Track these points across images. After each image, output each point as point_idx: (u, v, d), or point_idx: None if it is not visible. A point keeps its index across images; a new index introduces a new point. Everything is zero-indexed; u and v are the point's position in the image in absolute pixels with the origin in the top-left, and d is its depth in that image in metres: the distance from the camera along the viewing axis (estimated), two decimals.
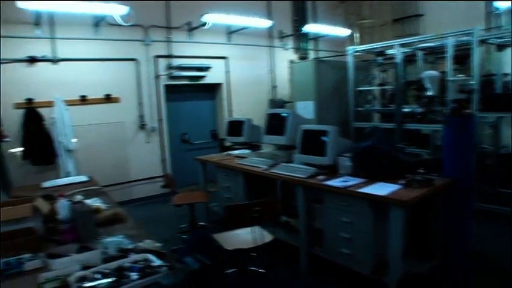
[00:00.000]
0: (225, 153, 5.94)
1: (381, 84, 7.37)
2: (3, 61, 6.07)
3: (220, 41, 8.02)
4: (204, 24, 7.18)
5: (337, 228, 3.71)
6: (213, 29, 7.46)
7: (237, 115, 7.98)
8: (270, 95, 8.85)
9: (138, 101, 7.18)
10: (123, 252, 2.23)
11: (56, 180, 4.73)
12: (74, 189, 3.96)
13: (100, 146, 6.81)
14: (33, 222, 2.62)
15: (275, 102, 8.57)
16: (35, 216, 2.66)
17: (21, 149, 6.11)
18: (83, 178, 4.60)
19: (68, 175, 6.09)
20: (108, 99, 6.85)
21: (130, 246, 2.29)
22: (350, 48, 7.30)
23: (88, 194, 3.69)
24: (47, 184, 4.41)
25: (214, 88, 8.36)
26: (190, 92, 8.02)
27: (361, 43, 9.05)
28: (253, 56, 8.56)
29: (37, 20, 6.20)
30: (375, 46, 7.02)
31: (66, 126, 6.19)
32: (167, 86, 7.52)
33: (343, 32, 9.09)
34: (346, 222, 3.61)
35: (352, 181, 3.70)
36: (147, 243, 2.29)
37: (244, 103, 8.29)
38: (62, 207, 2.57)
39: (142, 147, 7.27)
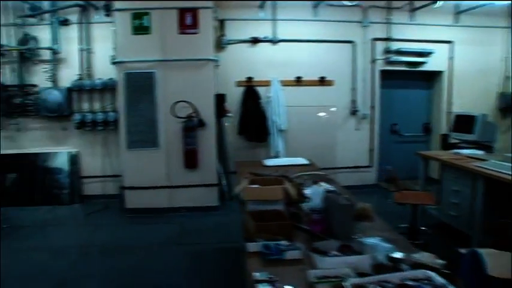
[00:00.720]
0: (452, 151, 5.13)
1: None
2: (229, 42, 6.45)
3: (445, 22, 7.01)
4: (432, 2, 6.37)
5: None
6: (437, 9, 6.59)
7: (456, 108, 6.93)
8: (501, 88, 7.41)
9: (351, 85, 6.85)
10: (393, 262, 1.85)
11: (277, 159, 4.75)
12: (296, 171, 3.81)
13: (309, 129, 6.73)
14: (279, 205, 2.47)
15: (506, 97, 7.17)
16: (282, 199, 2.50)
17: (238, 124, 6.47)
18: (303, 161, 4.45)
19: (277, 154, 6.20)
20: (322, 81, 6.70)
21: (399, 256, 1.89)
22: None
23: (314, 179, 3.49)
24: (269, 162, 4.39)
25: (433, 76, 7.40)
26: (405, 79, 7.29)
27: None
28: (484, 40, 7.19)
29: (262, 3, 6.39)
30: None
31: (281, 106, 6.28)
32: (382, 72, 6.97)
33: None
34: None
35: None
36: (425, 257, 1.86)
37: (467, 95, 7.09)
38: (315, 194, 2.34)
39: (351, 134, 6.95)
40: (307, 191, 2.86)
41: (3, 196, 6.40)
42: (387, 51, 6.88)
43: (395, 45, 6.87)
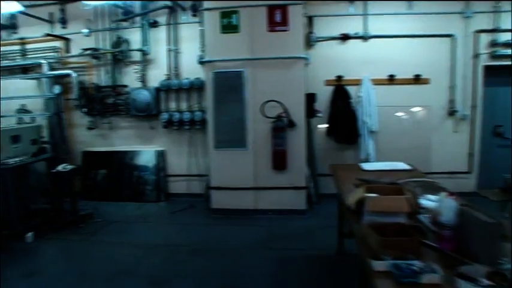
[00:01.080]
0: None
1: None
2: (318, 39, 6.21)
3: None
4: None
5: None
6: None
7: None
8: None
9: (449, 83, 6.23)
10: None
11: (375, 163, 4.44)
12: (400, 177, 3.45)
13: (401, 130, 6.28)
14: (402, 217, 2.19)
15: None
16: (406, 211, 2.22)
17: (326, 125, 6.22)
18: (404, 165, 4.05)
19: (367, 157, 5.86)
20: (417, 80, 6.18)
21: None
22: None
23: (423, 187, 3.15)
24: (366, 167, 4.07)
25: None
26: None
27: None
28: None
29: None
30: None
31: (372, 106, 5.93)
32: (486, 67, 6.27)
33: None
34: None
35: None
36: None
37: None
38: (446, 207, 2.03)
39: (448, 137, 6.32)
40: (425, 201, 2.56)
41: (94, 191, 6.71)
42: (493, 44, 6.14)
43: (503, 37, 6.09)
